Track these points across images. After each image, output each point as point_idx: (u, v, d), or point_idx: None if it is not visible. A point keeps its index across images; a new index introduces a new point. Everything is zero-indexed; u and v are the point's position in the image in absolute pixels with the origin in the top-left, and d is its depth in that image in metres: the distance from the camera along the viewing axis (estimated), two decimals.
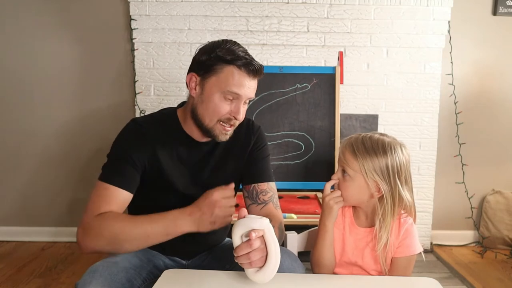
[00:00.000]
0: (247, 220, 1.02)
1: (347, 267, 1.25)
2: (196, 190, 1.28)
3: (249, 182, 1.34)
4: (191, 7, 2.51)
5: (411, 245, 1.18)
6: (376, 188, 1.15)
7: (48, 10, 2.60)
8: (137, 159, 1.21)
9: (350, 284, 1.10)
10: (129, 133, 1.25)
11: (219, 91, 1.19)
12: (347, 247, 1.24)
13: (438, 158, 2.66)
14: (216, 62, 1.18)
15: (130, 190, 1.20)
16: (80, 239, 1.14)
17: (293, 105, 2.29)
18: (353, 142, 1.18)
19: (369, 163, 1.14)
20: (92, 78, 2.66)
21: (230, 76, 1.18)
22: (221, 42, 1.22)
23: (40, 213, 2.75)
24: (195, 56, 1.25)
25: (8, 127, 2.70)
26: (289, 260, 1.15)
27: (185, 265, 1.35)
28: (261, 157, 1.37)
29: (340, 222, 1.26)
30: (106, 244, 1.12)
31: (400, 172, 1.15)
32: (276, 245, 1.02)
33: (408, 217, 1.20)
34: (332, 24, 2.54)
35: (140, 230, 1.12)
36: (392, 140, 1.18)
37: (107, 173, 1.20)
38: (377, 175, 1.13)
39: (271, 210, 1.31)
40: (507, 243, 2.68)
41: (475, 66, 2.67)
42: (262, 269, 1.01)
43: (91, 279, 1.04)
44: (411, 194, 1.18)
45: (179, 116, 1.30)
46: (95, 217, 1.14)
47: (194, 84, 1.23)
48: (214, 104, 1.20)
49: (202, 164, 1.30)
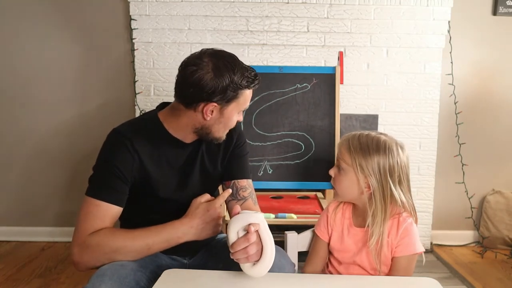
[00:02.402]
0: (243, 216, 1.04)
1: (347, 267, 1.25)
2: (187, 190, 1.30)
3: (230, 178, 1.37)
4: (191, 7, 2.51)
5: (411, 244, 1.18)
6: (366, 184, 1.17)
7: (48, 10, 2.60)
8: (125, 171, 1.19)
9: (349, 284, 1.10)
10: (113, 145, 1.23)
11: (237, 111, 1.24)
12: (347, 248, 1.24)
13: (438, 158, 2.66)
14: (237, 91, 1.19)
15: (120, 204, 1.20)
16: (78, 258, 1.14)
17: (293, 105, 2.29)
18: (350, 138, 1.21)
19: (361, 159, 1.16)
20: (92, 78, 2.66)
21: (246, 98, 1.23)
22: (229, 66, 1.17)
23: (40, 213, 2.75)
24: (203, 83, 1.15)
25: (8, 127, 2.70)
26: (277, 256, 1.14)
27: (186, 264, 1.35)
28: (242, 154, 1.39)
29: (339, 225, 1.26)
30: (106, 260, 1.13)
31: (393, 171, 1.16)
32: (271, 239, 1.04)
33: (408, 217, 1.20)
34: (332, 24, 2.54)
35: (141, 243, 1.15)
36: (389, 140, 1.19)
37: (96, 189, 1.18)
38: (368, 171, 1.15)
39: (251, 206, 1.34)
40: (507, 243, 2.68)
41: (475, 66, 2.67)
42: (259, 262, 1.02)
43: (100, 283, 1.03)
44: (407, 195, 1.19)
45: (163, 120, 1.27)
46: (90, 235, 1.14)
47: (210, 112, 1.20)
48: (232, 123, 1.26)
49: (189, 164, 1.31)
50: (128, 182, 1.21)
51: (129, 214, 1.32)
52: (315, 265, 1.30)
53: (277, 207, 2.19)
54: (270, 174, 2.24)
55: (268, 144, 2.26)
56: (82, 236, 1.14)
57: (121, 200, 1.21)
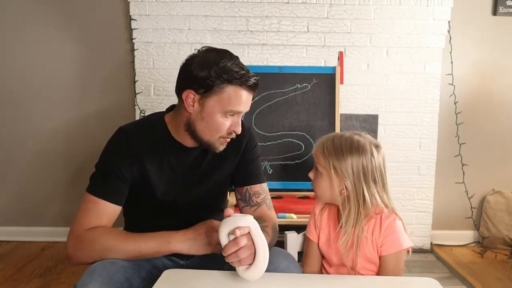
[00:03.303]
0: (232, 219, 1.03)
1: (337, 268, 1.25)
2: (188, 196, 1.29)
3: (242, 184, 1.35)
4: (191, 7, 2.51)
5: (396, 240, 1.17)
6: (341, 185, 1.17)
7: (48, 10, 2.60)
8: (126, 172, 1.21)
9: (349, 285, 1.10)
10: (117, 144, 1.24)
11: (221, 110, 1.18)
12: (335, 250, 1.24)
13: (438, 158, 2.66)
14: (217, 82, 1.15)
15: (119, 203, 1.21)
16: (72, 251, 1.16)
17: (293, 105, 2.29)
18: (325, 140, 1.21)
19: (335, 161, 1.16)
20: (92, 78, 2.66)
21: (232, 96, 1.17)
22: (217, 58, 1.17)
23: (40, 213, 2.75)
24: (188, 70, 1.18)
25: (9, 127, 2.70)
26: (286, 262, 1.15)
27: (183, 265, 1.35)
28: (252, 158, 1.37)
29: (326, 227, 1.27)
30: (97, 257, 1.13)
31: (367, 171, 1.16)
32: (264, 241, 1.03)
33: (391, 214, 1.18)
34: (332, 24, 2.54)
35: (133, 247, 1.14)
36: (362, 140, 1.18)
37: (96, 186, 1.20)
38: (341, 173, 1.16)
39: (265, 212, 1.32)
40: (507, 243, 2.68)
41: (475, 66, 2.67)
42: (252, 266, 1.02)
43: (90, 280, 1.04)
44: (382, 194, 1.18)
45: (168, 123, 1.27)
46: (86, 230, 1.15)
47: (191, 101, 1.19)
48: (216, 123, 1.19)
49: (193, 169, 1.30)
50: (127, 182, 1.22)
51: (132, 218, 1.32)
52: (311, 267, 1.30)
53: (277, 207, 2.16)
54: (270, 174, 2.24)
55: (268, 144, 2.26)
56: (78, 230, 1.16)
57: (119, 199, 1.22)
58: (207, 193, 1.32)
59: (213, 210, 1.36)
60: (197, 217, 1.25)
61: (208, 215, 1.27)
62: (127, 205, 1.26)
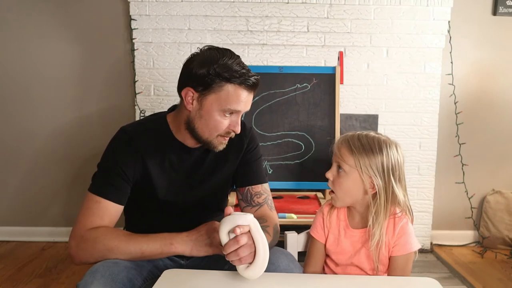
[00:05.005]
0: (232, 217, 1.03)
1: (344, 268, 1.25)
2: (188, 196, 1.29)
3: (243, 184, 1.35)
4: (191, 7, 2.51)
5: (407, 243, 1.18)
6: (370, 184, 1.17)
7: (48, 10, 2.60)
8: (128, 171, 1.21)
9: (349, 284, 1.10)
10: (119, 144, 1.24)
11: (219, 109, 1.18)
12: (344, 250, 1.24)
13: (438, 158, 2.66)
14: (215, 80, 1.16)
15: (121, 203, 1.21)
16: (74, 251, 1.16)
17: (293, 105, 2.29)
18: (349, 138, 1.20)
19: (365, 159, 1.16)
20: (92, 78, 2.66)
21: (230, 94, 1.17)
22: (217, 56, 1.17)
23: (40, 213, 2.75)
24: (189, 68, 1.20)
25: (8, 127, 2.70)
26: (286, 261, 1.15)
27: (183, 265, 1.35)
28: (254, 159, 1.37)
29: (335, 227, 1.26)
30: (99, 257, 1.13)
31: (395, 169, 1.17)
32: (264, 240, 1.03)
33: (404, 216, 1.20)
34: (332, 24, 2.54)
35: (135, 248, 1.14)
36: (387, 139, 1.20)
37: (98, 186, 1.20)
38: (372, 171, 1.15)
39: (266, 212, 1.32)
40: (507, 243, 2.68)
41: (475, 66, 2.68)
42: (252, 265, 1.02)
43: (93, 280, 1.04)
44: (404, 193, 1.19)
45: (170, 123, 1.28)
46: (88, 230, 1.15)
47: (190, 99, 1.20)
48: (214, 121, 1.20)
49: (195, 169, 1.30)
50: (130, 182, 1.22)
51: (133, 218, 1.32)
52: (314, 267, 1.30)
53: (277, 207, 2.15)
54: (270, 174, 2.24)
55: (268, 144, 2.26)
56: (80, 230, 1.16)
57: (122, 198, 1.22)
58: (208, 193, 1.33)
59: (215, 210, 1.36)
60: (198, 217, 1.25)
61: (209, 215, 1.27)
62: (128, 205, 1.26)
